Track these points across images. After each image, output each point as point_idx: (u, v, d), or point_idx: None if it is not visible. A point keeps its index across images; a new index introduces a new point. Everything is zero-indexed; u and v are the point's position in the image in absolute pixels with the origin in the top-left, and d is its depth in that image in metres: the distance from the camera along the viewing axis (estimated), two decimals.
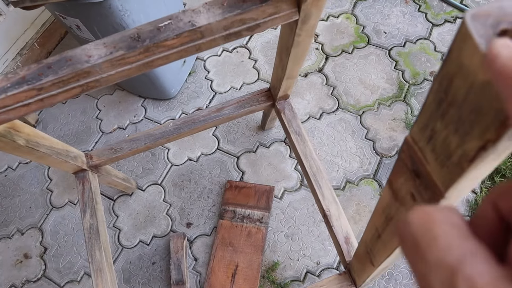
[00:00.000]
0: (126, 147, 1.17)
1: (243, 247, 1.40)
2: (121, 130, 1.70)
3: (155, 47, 0.66)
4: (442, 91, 0.33)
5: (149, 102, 1.74)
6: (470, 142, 0.33)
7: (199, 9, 0.67)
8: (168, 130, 1.18)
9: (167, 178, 1.58)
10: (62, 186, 1.61)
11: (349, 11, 1.89)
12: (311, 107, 1.65)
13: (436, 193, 0.42)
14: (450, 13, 1.85)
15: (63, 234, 1.52)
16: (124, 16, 1.27)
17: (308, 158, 1.09)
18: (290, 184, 1.51)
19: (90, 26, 1.32)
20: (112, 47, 0.66)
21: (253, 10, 0.66)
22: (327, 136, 1.58)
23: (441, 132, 0.36)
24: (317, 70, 1.74)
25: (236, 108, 1.19)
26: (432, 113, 0.36)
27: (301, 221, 1.45)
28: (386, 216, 0.60)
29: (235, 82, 1.75)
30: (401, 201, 0.54)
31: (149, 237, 1.49)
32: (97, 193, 1.15)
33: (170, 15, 0.67)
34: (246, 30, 0.68)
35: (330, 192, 1.05)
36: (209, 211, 1.50)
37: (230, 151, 1.60)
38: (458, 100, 0.32)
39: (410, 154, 0.44)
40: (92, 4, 1.20)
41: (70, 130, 1.72)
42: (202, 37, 0.67)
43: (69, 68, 0.65)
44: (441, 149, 0.38)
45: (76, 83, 0.66)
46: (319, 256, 1.39)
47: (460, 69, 0.29)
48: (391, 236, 0.62)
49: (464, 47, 0.28)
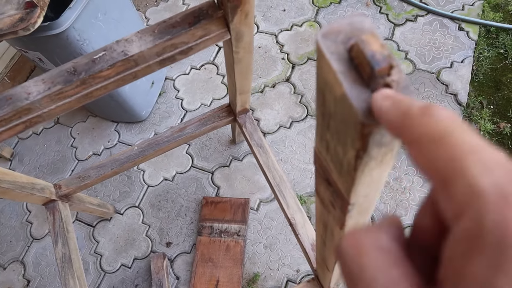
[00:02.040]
0: (94, 174, 1.19)
1: (222, 261, 1.42)
2: (96, 156, 1.72)
3: (91, 79, 0.68)
4: (320, 104, 0.35)
5: (122, 126, 1.76)
6: (349, 152, 0.34)
7: (132, 38, 0.69)
8: (133, 154, 1.20)
9: (144, 200, 1.59)
10: (41, 217, 1.62)
11: (312, 19, 1.92)
12: (281, 116, 1.67)
13: (344, 199, 0.43)
14: (410, 12, 1.89)
15: (45, 265, 1.53)
16: (83, 45, 1.30)
17: (270, 169, 1.11)
18: (265, 195, 1.53)
19: (51, 58, 1.34)
20: (50, 82, 0.68)
21: (182, 34, 0.69)
22: (298, 144, 1.61)
23: (331, 142, 0.38)
24: (284, 79, 1.77)
25: (199, 126, 1.21)
26: (322, 124, 0.38)
27: (278, 231, 1.46)
28: (323, 224, 0.62)
29: (205, 99, 1.77)
30: (327, 209, 0.55)
31: (131, 260, 1.49)
32: (68, 222, 1.16)
33: (105, 46, 0.69)
34: (179, 54, 0.71)
35: (294, 200, 1.07)
36: (187, 229, 1.51)
37: (204, 167, 1.62)
38: (332, 112, 0.33)
39: (320, 164, 0.46)
40: (49, 37, 1.22)
41: (46, 161, 1.74)
42: (136, 65, 0.69)
43: (10, 107, 0.67)
44: (335, 159, 0.39)
45: (18, 120, 0.68)
46: (298, 263, 1.41)
47: (325, 84, 0.31)
48: (331, 242, 0.63)
49: (322, 65, 0.30)
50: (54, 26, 1.19)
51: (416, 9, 1.89)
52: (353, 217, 0.47)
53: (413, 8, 1.89)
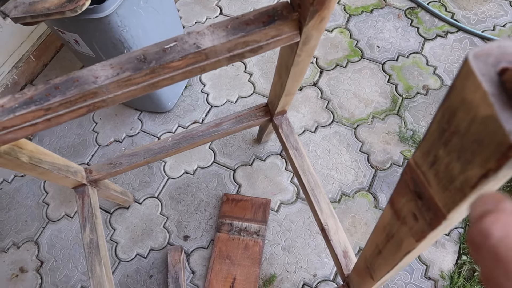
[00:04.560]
0: (126, 162, 1.18)
1: (240, 260, 1.41)
2: (118, 143, 1.71)
3: (161, 68, 0.67)
4: (444, 121, 0.35)
5: (145, 115, 1.75)
6: (472, 169, 0.34)
7: (204, 31, 0.69)
8: (167, 145, 1.19)
9: (164, 191, 1.58)
10: (58, 199, 1.61)
11: (343, 26, 1.92)
12: (306, 120, 1.67)
13: (438, 215, 0.43)
14: (441, 28, 1.89)
15: (59, 248, 1.52)
16: (123, 31, 1.29)
17: (306, 173, 1.11)
18: (286, 197, 1.53)
19: (88, 41, 1.34)
20: (118, 68, 0.67)
21: (256, 32, 0.68)
22: (322, 149, 1.60)
23: (443, 159, 0.38)
24: (312, 83, 1.77)
25: (234, 123, 1.20)
26: (435, 140, 0.38)
27: (297, 234, 1.46)
28: (387, 233, 0.62)
29: (231, 96, 1.77)
30: (402, 221, 0.55)
31: (146, 250, 1.49)
32: (97, 207, 1.15)
33: (175, 37, 0.69)
34: (249, 52, 0.70)
35: (328, 206, 1.07)
36: (206, 224, 1.51)
37: (226, 164, 1.61)
38: (461, 131, 0.33)
39: (412, 177, 0.46)
40: (91, 20, 1.22)
41: (66, 143, 1.73)
42: (207, 58, 0.69)
43: (77, 89, 0.66)
44: (444, 174, 0.39)
45: (82, 103, 0.68)
46: (315, 268, 1.41)
47: (462, 103, 0.31)
48: (392, 252, 0.63)
49: (467, 84, 0.30)
50: (98, 10, 1.19)
51: (447, 25, 1.89)
52: (438, 230, 0.47)
53: (444, 24, 1.90)
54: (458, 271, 1.37)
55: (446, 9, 1.95)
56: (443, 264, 1.39)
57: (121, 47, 1.33)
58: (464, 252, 1.40)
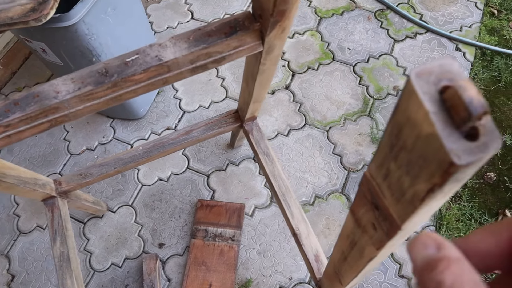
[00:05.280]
0: (96, 172, 1.17)
1: (216, 265, 1.41)
2: (90, 152, 1.69)
3: (123, 81, 0.67)
4: (393, 136, 0.36)
5: (117, 122, 1.74)
6: (420, 184, 0.35)
7: (166, 43, 0.69)
8: (137, 154, 1.18)
9: (138, 199, 1.57)
10: (29, 210, 1.58)
11: (314, 28, 1.94)
12: (279, 124, 1.68)
13: (394, 225, 0.45)
14: (410, 29, 1.93)
15: (31, 260, 1.49)
16: (90, 39, 1.27)
17: (276, 178, 1.12)
18: (261, 201, 1.53)
19: (56, 50, 1.32)
20: (80, 82, 0.67)
21: (218, 44, 0.68)
22: (295, 152, 1.62)
23: (395, 172, 0.39)
24: (284, 87, 1.78)
25: (205, 130, 1.20)
26: (386, 154, 0.39)
27: (272, 238, 1.47)
28: (350, 241, 0.63)
29: (203, 101, 1.76)
30: (363, 229, 0.56)
31: (121, 259, 1.47)
32: (67, 219, 1.14)
33: (137, 49, 0.69)
34: (212, 63, 0.70)
35: (299, 211, 1.08)
36: (181, 231, 1.50)
37: (200, 170, 1.61)
38: (408, 147, 0.34)
39: (369, 188, 0.47)
40: (57, 29, 1.20)
41: (37, 153, 1.69)
42: (169, 71, 0.69)
43: (37, 105, 0.65)
44: (396, 187, 0.40)
45: (44, 119, 0.67)
46: (291, 271, 1.42)
47: (407, 120, 0.32)
48: (356, 259, 0.64)
49: (410, 103, 0.31)
50: (64, 19, 1.17)
51: (416, 26, 1.93)
52: (395, 240, 0.48)
53: (413, 25, 1.93)
54: None
55: (414, 11, 1.98)
56: None
57: (89, 55, 1.32)
58: None
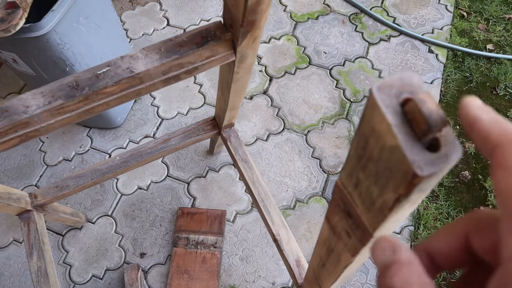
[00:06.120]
0: (73, 184, 1.15)
1: (198, 273, 1.41)
2: (67, 162, 1.66)
3: (94, 94, 0.66)
4: (360, 147, 0.37)
5: (94, 131, 1.71)
6: (388, 194, 0.36)
7: (137, 55, 0.68)
8: (115, 164, 1.17)
9: (118, 209, 1.55)
10: (5, 224, 1.54)
11: (290, 33, 1.95)
12: (258, 129, 1.69)
13: (366, 233, 0.45)
14: (384, 32, 1.95)
15: (8, 276, 1.46)
16: (63, 49, 1.26)
17: (256, 184, 1.12)
18: (242, 207, 1.53)
19: (27, 60, 1.29)
20: (50, 96, 0.66)
21: (190, 54, 0.68)
22: (275, 157, 1.62)
23: (364, 182, 0.40)
24: (261, 92, 1.78)
25: (183, 138, 1.20)
26: (355, 164, 0.39)
27: (254, 243, 1.47)
28: (327, 247, 0.63)
29: (181, 108, 1.76)
30: (338, 236, 0.56)
31: (102, 270, 1.45)
32: (44, 233, 1.12)
33: (108, 61, 0.68)
34: (184, 73, 0.70)
35: (279, 217, 1.08)
36: (162, 240, 1.49)
37: (180, 177, 1.60)
38: (374, 158, 0.35)
39: (341, 196, 0.47)
40: (28, 39, 1.18)
41: (12, 165, 1.66)
42: (141, 82, 0.68)
43: (6, 120, 0.64)
44: (366, 196, 0.41)
45: (13, 134, 0.65)
46: (274, 276, 1.42)
47: (372, 132, 0.33)
48: (334, 265, 0.65)
49: (373, 115, 0.31)
50: (35, 29, 1.15)
51: (390, 29, 1.96)
52: (368, 246, 0.49)
53: (387, 29, 1.96)
54: None
55: (388, 14, 2.01)
56: None
57: (62, 64, 1.30)
58: None
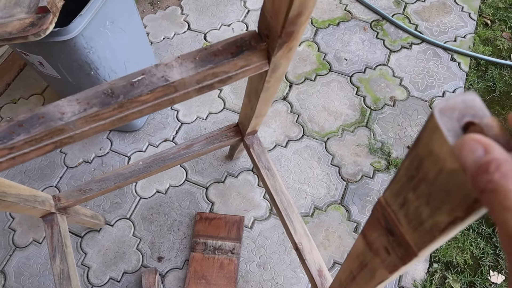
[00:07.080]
0: (96, 188, 1.15)
1: (216, 279, 1.40)
2: (87, 164, 1.67)
3: (129, 102, 0.66)
4: (413, 168, 0.36)
5: (114, 134, 1.72)
6: (441, 216, 0.35)
7: (172, 63, 0.68)
8: (138, 169, 1.17)
9: (136, 212, 1.56)
10: (25, 224, 1.56)
11: (311, 39, 1.95)
12: (277, 135, 1.68)
13: (410, 252, 0.44)
14: (406, 39, 1.94)
15: (28, 276, 1.47)
16: (89, 53, 1.27)
17: (278, 192, 1.12)
18: (260, 213, 1.53)
19: (53, 63, 1.31)
20: (85, 103, 0.66)
21: (225, 64, 0.68)
22: (293, 163, 1.62)
23: (413, 202, 0.39)
24: (281, 98, 1.78)
25: (205, 144, 1.20)
26: (404, 184, 0.39)
27: (272, 250, 1.47)
28: (360, 262, 0.63)
29: (201, 112, 1.76)
30: (375, 252, 0.55)
31: (120, 273, 1.46)
32: (66, 236, 1.12)
33: (143, 69, 0.68)
34: (218, 83, 0.70)
35: (301, 225, 1.07)
36: (180, 244, 1.49)
37: (198, 182, 1.60)
38: (429, 179, 0.34)
39: (383, 214, 0.46)
40: (56, 43, 1.19)
41: (33, 166, 1.67)
42: (176, 91, 0.68)
43: (42, 126, 0.64)
44: (413, 216, 0.40)
45: (49, 141, 0.66)
46: (291, 284, 1.41)
47: (429, 154, 0.32)
48: (366, 280, 0.64)
49: (433, 138, 0.30)
50: (63, 33, 1.16)
51: (411, 37, 1.94)
52: (409, 265, 0.48)
53: (409, 36, 1.95)
54: (430, 279, 1.41)
55: (409, 21, 2.00)
56: (415, 273, 1.42)
57: (87, 68, 1.31)
58: (435, 260, 1.44)
